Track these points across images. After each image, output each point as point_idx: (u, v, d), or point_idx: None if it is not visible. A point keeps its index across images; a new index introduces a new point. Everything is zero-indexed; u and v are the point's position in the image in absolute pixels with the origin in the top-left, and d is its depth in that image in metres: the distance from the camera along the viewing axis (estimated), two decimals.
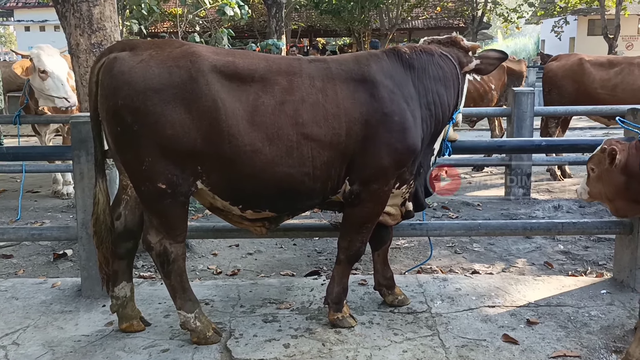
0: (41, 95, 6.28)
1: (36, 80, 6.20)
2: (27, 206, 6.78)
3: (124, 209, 3.39)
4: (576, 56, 7.61)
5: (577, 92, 7.20)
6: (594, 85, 7.12)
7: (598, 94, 7.07)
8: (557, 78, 7.40)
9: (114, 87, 2.89)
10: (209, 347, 3.27)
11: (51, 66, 6.08)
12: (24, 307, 3.83)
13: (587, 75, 7.17)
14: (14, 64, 6.47)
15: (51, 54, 6.17)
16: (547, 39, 38.93)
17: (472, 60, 3.50)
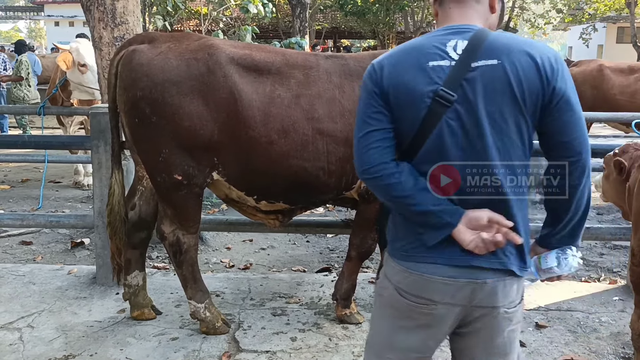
0: (77, 88, 6.42)
1: (75, 73, 6.35)
2: (49, 196, 6.92)
3: (139, 200, 3.46)
4: (596, 62, 7.53)
5: (596, 98, 7.12)
6: (612, 91, 7.03)
7: (617, 100, 6.99)
8: (576, 83, 7.28)
9: (132, 79, 2.95)
10: (217, 337, 3.32)
11: (90, 60, 6.23)
12: (40, 292, 3.92)
13: (606, 81, 7.09)
14: (57, 58, 6.63)
15: (90, 48, 6.30)
16: (575, 46, 38.44)
17: None
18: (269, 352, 3.19)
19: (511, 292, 1.72)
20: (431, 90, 1.62)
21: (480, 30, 1.68)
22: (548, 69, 1.61)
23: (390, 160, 1.69)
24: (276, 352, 3.18)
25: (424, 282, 1.70)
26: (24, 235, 5.36)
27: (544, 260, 1.77)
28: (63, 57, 6.30)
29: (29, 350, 3.19)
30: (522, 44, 1.66)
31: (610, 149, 3.84)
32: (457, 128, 1.63)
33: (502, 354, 1.80)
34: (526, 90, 1.61)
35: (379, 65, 1.71)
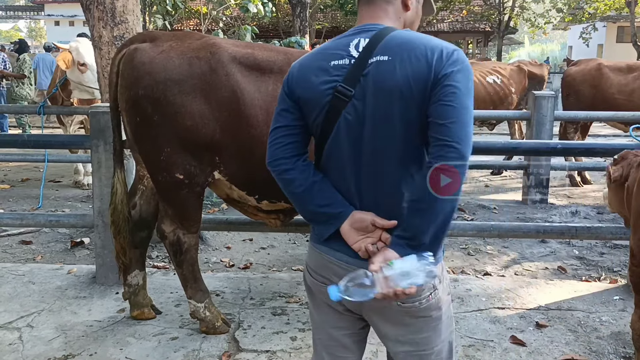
0: (78, 87, 6.41)
1: (75, 72, 6.35)
2: (49, 195, 6.91)
3: (140, 199, 3.45)
4: (595, 61, 7.51)
5: (594, 97, 7.11)
6: (611, 90, 7.01)
7: (615, 99, 6.97)
8: (575, 82, 7.31)
9: (134, 78, 2.94)
10: (217, 337, 3.31)
11: (90, 59, 6.22)
12: (39, 291, 3.92)
13: (605, 80, 7.08)
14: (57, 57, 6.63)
15: (89, 47, 6.30)
16: (575, 46, 38.44)
17: None
18: (269, 351, 3.18)
19: None
20: (331, 87, 1.68)
21: (384, 29, 1.71)
22: (437, 58, 1.60)
23: (290, 157, 1.77)
24: (276, 352, 3.17)
25: (324, 262, 1.77)
26: (23, 234, 5.35)
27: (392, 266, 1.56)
28: (62, 56, 6.31)
29: (28, 350, 3.18)
30: (418, 40, 1.66)
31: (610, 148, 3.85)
32: (353, 122, 1.67)
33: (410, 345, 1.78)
34: (413, 83, 1.60)
35: (292, 67, 1.83)
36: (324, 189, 1.74)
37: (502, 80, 7.83)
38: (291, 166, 1.76)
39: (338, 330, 1.87)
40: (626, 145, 3.84)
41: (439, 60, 1.60)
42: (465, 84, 1.60)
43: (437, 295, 1.73)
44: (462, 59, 1.63)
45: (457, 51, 1.64)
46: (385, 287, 1.54)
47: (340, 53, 1.71)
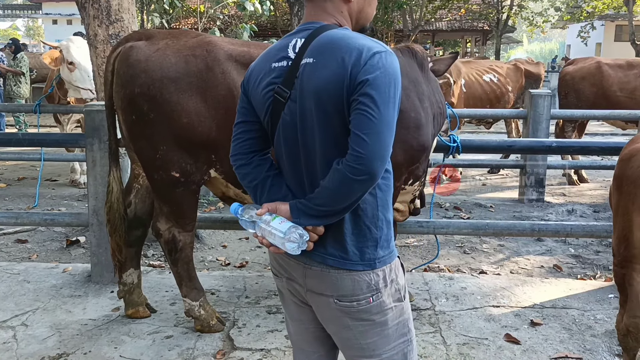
0: (70, 86, 6.42)
1: (65, 71, 6.36)
2: (45, 194, 6.90)
3: (135, 198, 3.45)
4: (593, 59, 7.50)
5: (595, 96, 7.09)
6: (612, 88, 7.00)
7: (617, 97, 6.95)
8: (574, 81, 7.29)
9: (130, 76, 2.94)
10: (212, 335, 3.31)
11: (78, 58, 6.22)
12: (34, 290, 3.91)
13: (605, 78, 7.06)
14: (43, 55, 6.63)
15: (80, 46, 6.30)
16: (573, 44, 38.49)
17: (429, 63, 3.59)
18: (263, 349, 3.18)
19: (343, 285, 1.70)
20: (271, 89, 1.71)
21: (318, 28, 1.69)
22: (354, 61, 1.55)
23: (247, 152, 1.82)
24: (270, 350, 3.17)
25: (277, 256, 1.83)
26: (19, 233, 5.35)
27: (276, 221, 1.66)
28: (49, 54, 6.34)
29: (22, 349, 3.18)
30: (343, 40, 1.61)
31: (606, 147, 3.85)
32: (290, 123, 1.70)
33: (357, 350, 1.79)
34: (331, 87, 1.57)
35: (250, 66, 1.86)
36: (275, 183, 1.78)
37: (499, 78, 7.82)
38: (247, 162, 1.82)
39: (300, 323, 1.93)
40: (621, 144, 3.84)
41: (356, 64, 1.55)
42: (385, 92, 1.54)
43: (380, 298, 1.72)
44: (382, 62, 1.55)
45: (380, 54, 1.56)
46: (259, 232, 1.69)
47: (281, 54, 1.72)
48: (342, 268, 1.70)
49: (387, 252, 1.73)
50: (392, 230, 1.78)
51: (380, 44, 1.61)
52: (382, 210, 1.72)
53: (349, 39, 1.61)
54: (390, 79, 1.55)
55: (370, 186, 1.59)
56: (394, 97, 1.56)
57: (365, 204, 1.68)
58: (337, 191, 1.59)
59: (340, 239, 1.69)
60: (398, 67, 1.59)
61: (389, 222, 1.76)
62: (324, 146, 1.65)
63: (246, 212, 1.73)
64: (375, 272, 1.70)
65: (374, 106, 1.53)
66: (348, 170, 1.54)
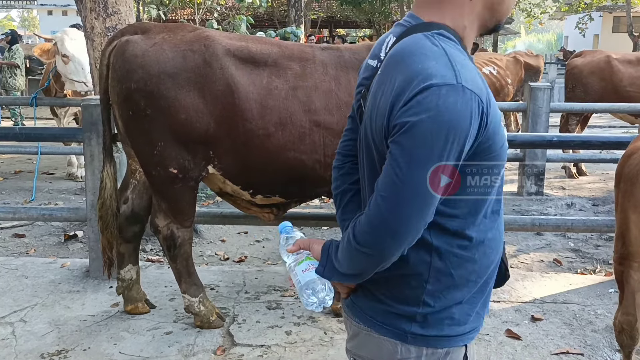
0: (65, 79, 6.38)
1: (59, 63, 6.31)
2: (42, 187, 6.87)
3: (132, 193, 3.42)
4: (602, 53, 7.43)
5: (604, 90, 7.05)
6: (622, 83, 6.96)
7: (627, 92, 6.92)
8: (582, 75, 7.24)
9: (126, 70, 2.90)
10: (211, 331, 3.30)
11: (72, 50, 6.17)
12: (32, 285, 3.89)
13: (615, 72, 7.02)
14: (34, 47, 6.59)
15: (74, 38, 6.24)
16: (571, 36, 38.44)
17: None
18: (263, 346, 3.17)
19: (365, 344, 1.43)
20: (359, 91, 1.46)
21: (410, 28, 1.31)
22: (397, 93, 1.19)
23: (343, 155, 1.58)
24: (271, 346, 3.16)
25: None
26: (16, 227, 5.31)
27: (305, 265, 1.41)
28: (40, 46, 6.30)
29: (21, 345, 3.16)
30: (408, 54, 1.23)
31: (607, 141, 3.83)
32: (362, 135, 1.43)
33: None
34: (377, 114, 1.26)
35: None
36: (354, 201, 1.50)
37: (499, 71, 7.80)
38: (340, 164, 1.58)
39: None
40: (622, 138, 3.83)
41: (400, 95, 1.18)
42: (426, 146, 1.15)
43: None
44: (436, 103, 1.13)
45: (438, 89, 1.14)
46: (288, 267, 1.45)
47: (377, 51, 1.41)
48: (364, 324, 1.41)
49: (434, 334, 1.35)
50: (454, 311, 1.36)
51: (454, 70, 1.17)
52: (434, 284, 1.33)
53: (413, 55, 1.21)
54: (442, 129, 1.14)
55: (379, 263, 1.26)
56: (440, 156, 1.16)
57: (410, 266, 1.32)
58: (343, 252, 1.31)
59: (372, 289, 1.39)
60: (464, 112, 1.15)
61: (447, 300, 1.34)
62: (368, 178, 1.37)
63: (287, 237, 1.50)
64: (405, 345, 1.36)
65: (403, 163, 1.17)
66: (353, 233, 1.26)
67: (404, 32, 1.31)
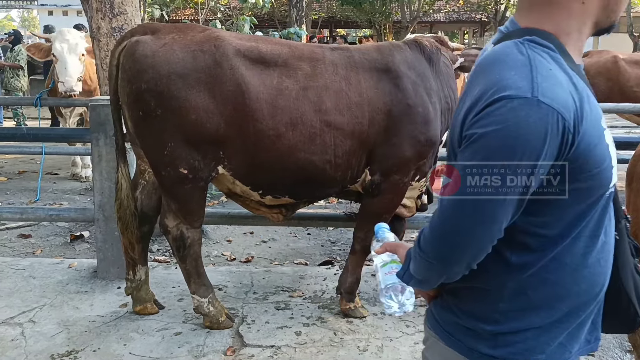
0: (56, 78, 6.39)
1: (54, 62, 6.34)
2: (46, 188, 6.87)
3: (141, 194, 3.42)
4: (609, 53, 7.42)
5: (611, 91, 7.02)
6: (629, 83, 6.94)
7: (634, 92, 6.90)
8: (588, 75, 7.15)
9: (137, 71, 2.90)
10: (221, 332, 3.29)
11: (59, 50, 6.19)
12: (40, 286, 3.88)
13: (622, 73, 7.01)
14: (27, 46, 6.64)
15: (67, 38, 6.24)
16: None
17: (457, 59, 3.56)
18: (273, 346, 3.17)
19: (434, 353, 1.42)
20: None
21: (506, 34, 1.26)
22: (474, 101, 1.16)
23: None
24: (281, 347, 3.16)
25: None
26: (22, 228, 5.31)
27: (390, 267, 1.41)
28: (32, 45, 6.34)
29: (31, 346, 3.16)
30: (491, 63, 1.20)
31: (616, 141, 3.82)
32: None
33: None
34: (456, 123, 1.24)
35: None
36: None
37: None
38: None
39: None
40: (632, 138, 3.84)
41: (474, 106, 1.15)
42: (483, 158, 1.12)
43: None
44: (506, 117, 1.09)
45: (510, 101, 1.09)
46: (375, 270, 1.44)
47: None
48: (434, 332, 1.39)
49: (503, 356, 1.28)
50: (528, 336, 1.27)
51: (532, 82, 1.10)
52: (509, 303, 1.26)
53: (494, 64, 1.18)
54: (508, 145, 1.09)
55: (442, 273, 1.24)
56: (507, 172, 1.11)
57: (485, 280, 1.27)
58: (414, 257, 1.28)
59: (447, 299, 1.37)
60: (537, 128, 1.08)
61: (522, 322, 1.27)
62: None
63: (380, 239, 1.50)
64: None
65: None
66: (419, 239, 1.24)
67: (499, 39, 1.27)
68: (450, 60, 3.54)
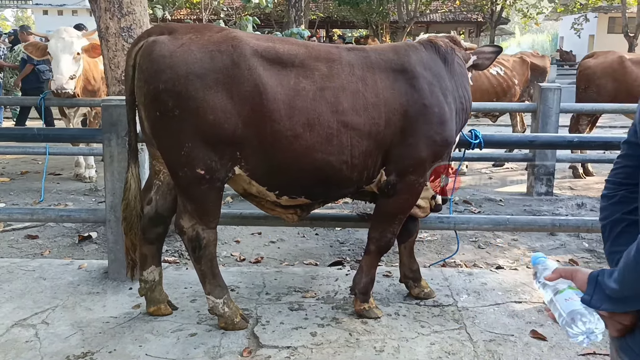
0: None
1: None
2: (50, 188, 6.83)
3: (155, 194, 3.40)
4: (615, 53, 7.47)
5: (617, 91, 7.08)
6: (636, 83, 6.99)
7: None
8: (595, 76, 7.25)
9: (154, 71, 2.88)
10: (236, 333, 3.28)
11: (54, 48, 6.18)
12: (51, 287, 3.86)
13: (628, 73, 7.05)
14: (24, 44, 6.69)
15: (63, 37, 6.24)
16: (566, 36, 38.53)
17: (470, 57, 3.58)
18: (290, 347, 3.16)
19: None
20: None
21: None
22: None
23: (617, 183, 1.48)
24: (297, 348, 3.15)
25: None
26: (28, 229, 5.28)
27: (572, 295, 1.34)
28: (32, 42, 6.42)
29: (45, 348, 3.14)
30: None
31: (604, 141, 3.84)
32: None
33: None
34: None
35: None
36: (628, 231, 1.39)
37: (505, 71, 7.81)
38: (609, 193, 1.47)
39: None
40: None
41: None
42: None
43: None
44: None
45: None
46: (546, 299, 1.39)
47: None
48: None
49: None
50: None
51: None
52: None
53: None
54: None
55: None
56: None
57: None
58: (627, 267, 1.20)
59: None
60: None
61: None
62: None
63: (542, 267, 1.45)
64: None
65: None
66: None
67: None
68: (464, 59, 3.55)
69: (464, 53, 3.57)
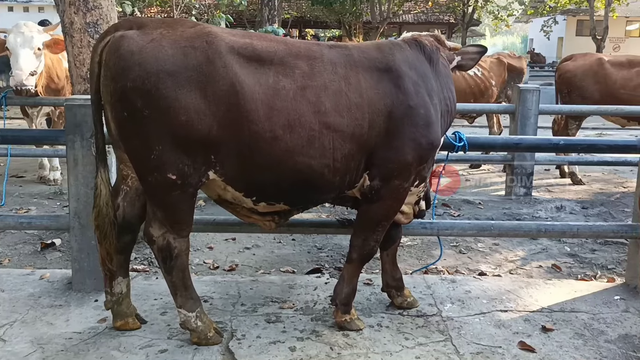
0: None
1: None
2: (12, 191, 6.48)
3: (123, 201, 3.17)
4: (593, 56, 7.46)
5: (600, 93, 7.06)
6: (615, 85, 6.98)
7: (620, 95, 6.94)
8: (576, 79, 7.20)
9: (122, 68, 2.66)
10: (209, 348, 3.08)
11: (12, 43, 5.90)
12: (10, 300, 3.60)
13: (608, 75, 7.04)
14: None
15: (22, 31, 5.96)
16: (536, 38, 39.10)
17: (454, 57, 3.45)
18: None
19: None
20: None
21: None
22: None
23: None
24: None
25: None
26: None
27: None
28: None
29: None
30: None
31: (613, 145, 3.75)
32: None
33: None
34: None
35: None
36: None
37: (483, 72, 7.74)
38: None
39: None
40: (630, 141, 3.76)
41: None
42: None
43: None
44: None
45: None
46: None
47: None
48: None
49: None
50: None
51: None
52: None
53: None
54: None
55: None
56: None
57: None
58: None
59: None
60: None
61: None
62: None
63: None
64: None
65: None
66: None
67: None
68: (448, 59, 3.42)
69: (448, 53, 3.44)
